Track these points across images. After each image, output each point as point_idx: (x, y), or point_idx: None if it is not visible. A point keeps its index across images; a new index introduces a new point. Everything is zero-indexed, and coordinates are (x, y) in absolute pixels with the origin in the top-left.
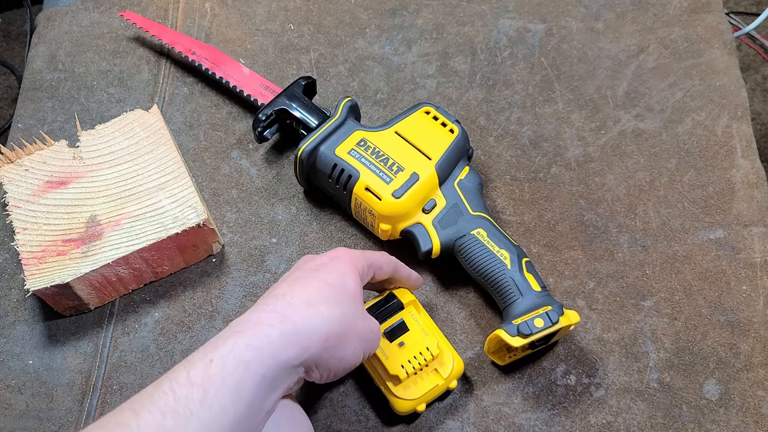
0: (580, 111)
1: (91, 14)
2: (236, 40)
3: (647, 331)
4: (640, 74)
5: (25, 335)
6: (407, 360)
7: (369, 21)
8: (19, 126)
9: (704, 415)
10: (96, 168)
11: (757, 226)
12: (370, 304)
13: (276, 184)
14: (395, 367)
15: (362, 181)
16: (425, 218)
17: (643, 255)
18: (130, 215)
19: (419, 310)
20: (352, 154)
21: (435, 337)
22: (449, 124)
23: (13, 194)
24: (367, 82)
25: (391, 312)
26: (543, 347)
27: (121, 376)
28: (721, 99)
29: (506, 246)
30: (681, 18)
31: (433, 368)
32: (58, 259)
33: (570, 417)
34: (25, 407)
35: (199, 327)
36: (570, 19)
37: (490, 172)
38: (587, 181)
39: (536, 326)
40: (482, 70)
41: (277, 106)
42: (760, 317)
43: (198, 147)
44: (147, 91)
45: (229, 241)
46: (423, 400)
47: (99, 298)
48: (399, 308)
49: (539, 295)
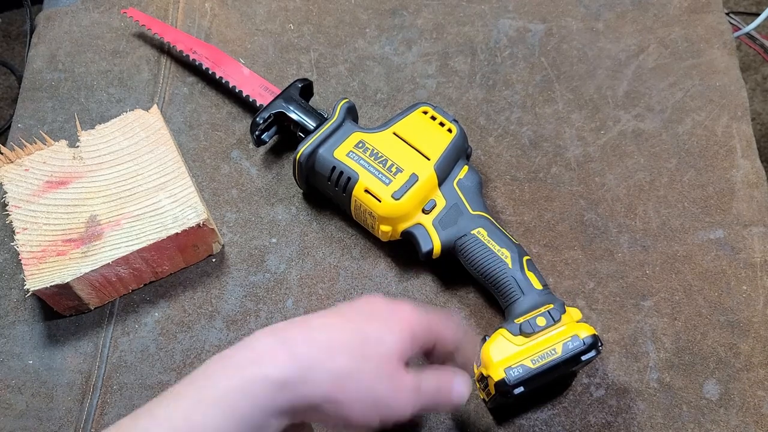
0: (580, 111)
1: (91, 14)
2: (236, 40)
3: (647, 331)
4: (640, 74)
5: (25, 335)
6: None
7: (369, 21)
8: (19, 126)
9: (704, 415)
10: (96, 168)
11: (757, 226)
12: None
13: (276, 185)
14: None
15: (361, 183)
16: (425, 219)
17: (643, 255)
18: (130, 215)
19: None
20: (351, 156)
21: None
22: (447, 123)
23: (13, 194)
24: (367, 82)
25: None
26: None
27: (121, 376)
28: (721, 99)
29: (507, 245)
30: (681, 18)
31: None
32: (58, 259)
33: (570, 417)
34: (25, 407)
35: (199, 327)
36: (570, 19)
37: (490, 172)
38: (587, 181)
39: (538, 324)
40: (482, 70)
41: (273, 110)
42: (760, 317)
43: (198, 147)
44: (147, 91)
45: (229, 241)
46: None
47: (99, 298)
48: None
49: (541, 294)
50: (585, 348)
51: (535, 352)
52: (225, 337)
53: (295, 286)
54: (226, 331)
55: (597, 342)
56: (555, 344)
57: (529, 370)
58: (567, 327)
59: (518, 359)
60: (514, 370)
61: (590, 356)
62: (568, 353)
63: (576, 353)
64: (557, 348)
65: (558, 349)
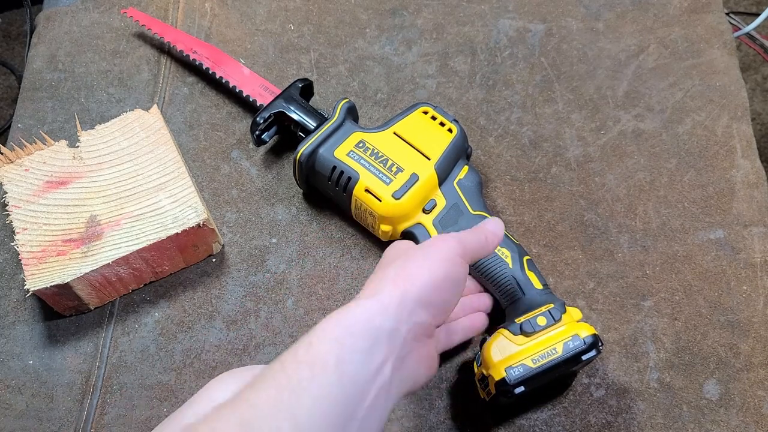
0: (580, 111)
1: (91, 14)
2: (236, 40)
3: (647, 331)
4: (640, 74)
5: (25, 335)
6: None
7: (369, 21)
8: (19, 126)
9: (704, 415)
10: (96, 168)
11: (757, 226)
12: None
13: (276, 185)
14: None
15: (362, 182)
16: (426, 218)
17: (643, 255)
18: (130, 215)
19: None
20: (351, 155)
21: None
22: (447, 123)
23: (13, 194)
24: (367, 82)
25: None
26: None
27: (121, 376)
28: (721, 99)
29: (507, 244)
30: (681, 18)
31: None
32: (58, 259)
33: (570, 417)
34: (25, 407)
35: (199, 327)
36: (570, 19)
37: (490, 172)
38: (587, 181)
39: (539, 324)
40: (482, 70)
41: (274, 109)
42: (760, 317)
43: (198, 147)
44: (147, 91)
45: (229, 241)
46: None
47: (99, 298)
48: None
49: (541, 293)
50: (585, 347)
51: (536, 351)
52: (225, 337)
53: (295, 286)
54: (226, 331)
55: (597, 342)
56: (555, 344)
57: (530, 370)
58: (567, 326)
59: (519, 359)
60: (515, 370)
61: (591, 356)
62: (568, 353)
63: (576, 353)
64: (558, 347)
65: (558, 349)
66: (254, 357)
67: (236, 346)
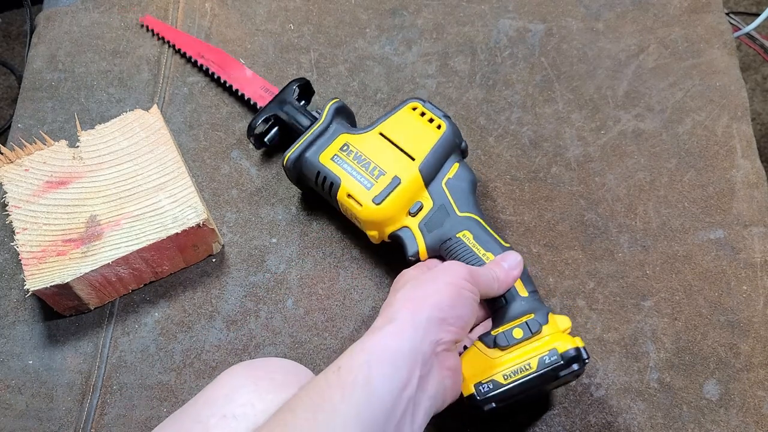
0: (580, 111)
1: (91, 14)
2: (236, 40)
3: (647, 331)
4: (640, 74)
5: (25, 335)
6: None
7: (369, 21)
8: (19, 126)
9: (704, 416)
10: (96, 168)
11: (757, 226)
12: None
13: (276, 184)
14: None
15: (344, 187)
16: (411, 222)
17: (643, 255)
18: (130, 215)
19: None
20: (335, 159)
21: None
22: (437, 119)
23: (13, 194)
24: (367, 82)
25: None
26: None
27: (121, 376)
28: (721, 99)
29: (492, 249)
30: (681, 18)
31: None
32: (58, 259)
33: (570, 417)
34: (25, 407)
35: (199, 327)
36: (570, 19)
37: (490, 172)
38: (587, 181)
39: (514, 337)
40: (482, 70)
41: (267, 113)
42: (760, 317)
43: (198, 147)
44: (147, 91)
45: (229, 241)
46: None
47: (99, 298)
48: None
49: (526, 301)
50: (562, 363)
51: (508, 366)
52: (225, 337)
53: (295, 286)
54: (226, 331)
55: (579, 356)
56: (530, 358)
57: (500, 386)
58: (550, 338)
59: (490, 374)
60: (484, 386)
61: (570, 371)
62: (543, 368)
63: (553, 368)
64: (533, 362)
65: (533, 364)
66: (254, 357)
67: (236, 346)
